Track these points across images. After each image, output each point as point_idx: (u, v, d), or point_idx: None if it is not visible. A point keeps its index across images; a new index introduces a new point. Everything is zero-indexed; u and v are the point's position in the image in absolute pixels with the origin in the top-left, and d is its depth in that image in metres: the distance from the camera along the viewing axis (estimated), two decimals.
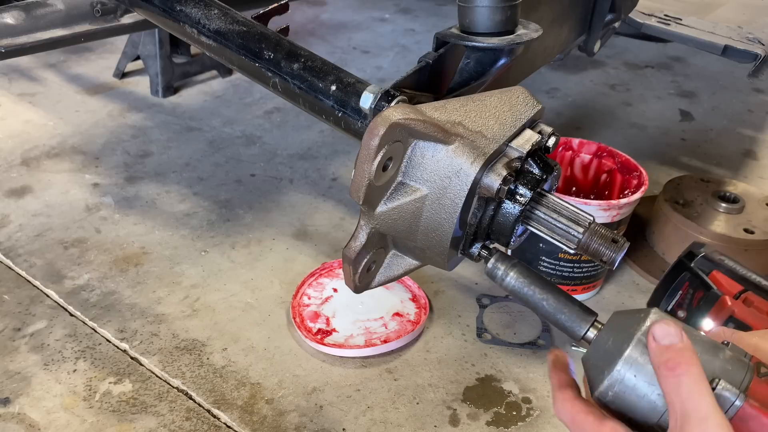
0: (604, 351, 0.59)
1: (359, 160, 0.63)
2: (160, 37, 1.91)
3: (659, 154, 1.84)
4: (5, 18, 1.04)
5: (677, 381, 0.52)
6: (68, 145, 1.68)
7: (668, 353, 0.53)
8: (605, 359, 0.57)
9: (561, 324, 0.64)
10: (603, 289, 1.30)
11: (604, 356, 0.58)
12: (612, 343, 0.58)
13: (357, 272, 0.71)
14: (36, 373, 1.05)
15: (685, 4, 1.58)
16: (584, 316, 0.62)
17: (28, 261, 1.28)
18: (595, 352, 0.60)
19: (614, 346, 0.57)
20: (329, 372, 1.08)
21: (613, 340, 0.58)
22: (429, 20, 2.72)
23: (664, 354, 0.53)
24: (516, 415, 1.02)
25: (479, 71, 0.83)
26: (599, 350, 0.60)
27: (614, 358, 0.56)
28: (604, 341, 0.60)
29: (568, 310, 0.63)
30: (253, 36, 0.89)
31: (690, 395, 0.51)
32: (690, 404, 0.51)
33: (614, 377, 0.56)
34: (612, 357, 0.57)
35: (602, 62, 2.43)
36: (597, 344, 0.61)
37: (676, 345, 0.54)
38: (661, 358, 0.53)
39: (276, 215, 1.46)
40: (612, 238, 0.70)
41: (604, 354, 0.58)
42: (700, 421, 0.50)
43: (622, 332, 0.58)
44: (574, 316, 0.63)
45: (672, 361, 0.53)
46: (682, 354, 0.53)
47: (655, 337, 0.54)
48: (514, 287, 0.67)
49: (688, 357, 0.53)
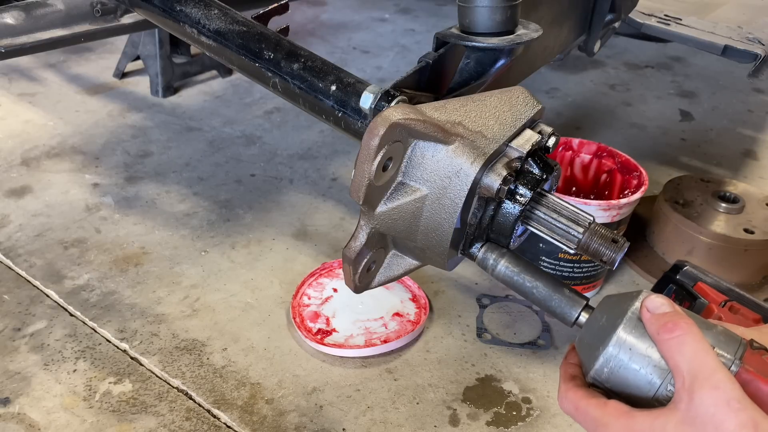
0: (596, 330, 0.59)
1: (359, 160, 0.63)
2: (160, 37, 1.91)
3: (659, 154, 1.84)
4: (5, 18, 1.04)
5: (679, 341, 0.52)
6: (68, 145, 1.68)
7: (664, 318, 0.54)
8: (599, 338, 0.58)
9: (553, 310, 0.64)
10: (603, 289, 1.30)
11: (597, 335, 0.58)
12: (605, 321, 0.59)
13: (357, 272, 0.71)
14: (36, 373, 1.05)
15: (685, 4, 1.58)
16: (576, 300, 0.63)
17: (28, 261, 1.28)
18: (588, 333, 0.60)
19: (607, 324, 0.58)
20: (329, 372, 1.08)
21: (605, 319, 0.59)
22: (429, 20, 2.72)
23: (660, 320, 0.54)
24: (516, 415, 1.02)
25: (479, 71, 0.83)
26: (592, 331, 0.60)
27: (607, 335, 0.57)
28: (596, 322, 0.60)
29: (560, 296, 0.64)
30: (253, 36, 0.89)
31: (695, 354, 0.52)
32: (696, 362, 0.51)
33: (609, 353, 0.56)
34: (605, 335, 0.57)
35: (602, 62, 2.43)
36: (589, 325, 0.61)
37: (671, 312, 0.55)
38: (658, 324, 0.54)
39: (276, 215, 1.46)
40: (612, 238, 0.70)
41: (597, 333, 0.59)
42: (709, 376, 0.50)
43: (614, 311, 0.58)
44: (566, 302, 0.63)
45: (670, 323, 0.53)
46: (678, 317, 0.54)
47: (648, 309, 0.55)
48: (504, 275, 0.68)
49: (684, 320, 0.54)
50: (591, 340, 0.59)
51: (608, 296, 0.62)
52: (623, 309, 0.57)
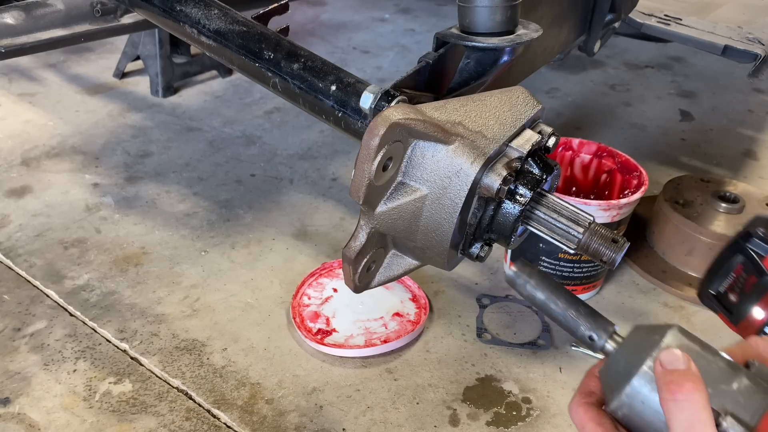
0: (616, 370, 0.59)
1: (359, 160, 0.63)
2: (160, 37, 1.91)
3: (659, 154, 1.84)
4: (5, 18, 1.04)
5: (678, 406, 0.51)
6: (68, 145, 1.68)
7: (672, 376, 0.53)
8: (617, 379, 0.58)
9: (580, 335, 0.63)
10: (603, 289, 1.30)
11: (616, 376, 0.58)
12: (624, 364, 0.58)
13: (357, 272, 0.71)
14: (36, 373, 1.05)
15: (685, 4, 1.58)
16: (604, 327, 0.62)
17: (28, 261, 1.28)
18: (611, 367, 0.60)
19: (626, 368, 0.57)
20: (329, 372, 1.08)
21: (626, 361, 0.58)
22: (429, 20, 2.72)
23: (667, 377, 0.53)
24: (516, 415, 1.02)
25: (479, 71, 0.83)
26: (613, 368, 0.60)
27: (624, 380, 0.56)
28: (618, 359, 0.60)
29: (588, 322, 0.63)
30: (253, 36, 0.89)
31: (690, 423, 0.50)
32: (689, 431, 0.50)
33: (623, 400, 0.56)
34: (622, 379, 0.57)
35: (602, 62, 2.43)
36: (613, 360, 0.61)
37: (681, 370, 0.53)
38: (664, 381, 0.53)
39: (276, 215, 1.46)
40: (612, 238, 0.70)
41: (617, 374, 0.58)
42: None
43: (636, 354, 0.57)
44: (594, 328, 0.62)
45: (674, 384, 0.52)
46: (685, 378, 0.52)
47: (662, 363, 0.54)
48: (533, 297, 0.67)
49: (691, 382, 0.52)
50: (611, 377, 0.59)
51: (637, 328, 0.61)
52: (643, 356, 0.57)
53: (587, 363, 1.12)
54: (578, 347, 1.15)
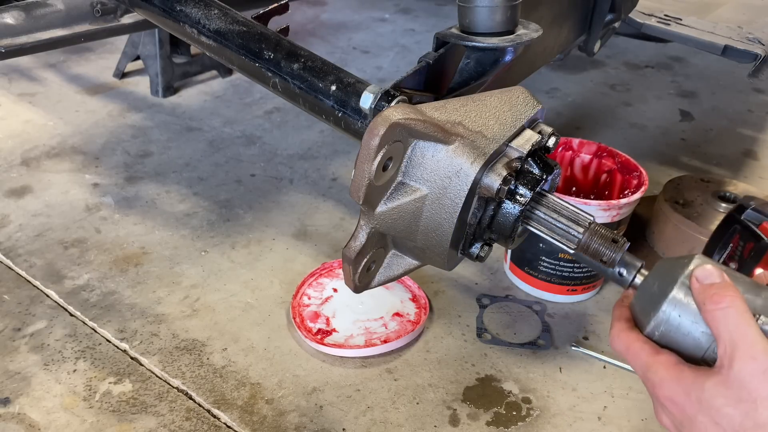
0: (650, 294, 0.63)
1: (359, 160, 0.63)
2: (160, 37, 1.91)
3: (659, 154, 1.84)
4: (5, 18, 1.04)
5: (723, 313, 0.56)
6: (68, 145, 1.68)
7: (711, 290, 0.57)
8: (651, 302, 0.62)
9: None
10: (603, 289, 1.30)
11: (650, 299, 0.63)
12: (657, 287, 0.63)
13: (357, 272, 0.71)
14: (36, 373, 1.05)
15: (685, 4, 1.58)
16: (632, 263, 0.67)
17: (28, 261, 1.28)
18: (642, 296, 0.65)
19: (659, 290, 0.62)
20: (329, 372, 1.08)
21: (658, 284, 0.63)
22: (429, 20, 2.72)
23: (707, 291, 0.58)
24: (516, 415, 1.02)
25: (479, 71, 0.83)
26: (645, 294, 0.64)
27: (660, 300, 0.61)
28: (650, 286, 0.64)
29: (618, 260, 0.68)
30: (253, 36, 0.89)
31: (737, 325, 0.55)
32: (737, 333, 0.55)
33: (660, 317, 0.60)
34: (658, 299, 0.61)
35: (602, 62, 2.43)
36: (643, 288, 0.65)
37: (718, 283, 0.58)
38: (705, 295, 0.58)
39: (276, 215, 1.46)
40: (612, 238, 0.70)
41: (650, 297, 0.63)
42: (748, 348, 0.54)
43: (667, 276, 0.62)
44: (624, 264, 0.67)
45: (717, 296, 0.57)
46: (725, 289, 0.57)
47: (697, 279, 0.59)
48: None
49: (731, 292, 0.57)
50: (644, 304, 0.63)
51: (663, 260, 0.66)
52: (675, 276, 0.61)
53: (587, 363, 1.12)
54: (578, 347, 1.15)
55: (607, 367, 1.12)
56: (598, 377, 1.10)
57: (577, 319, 1.21)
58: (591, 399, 1.06)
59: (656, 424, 1.02)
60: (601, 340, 1.17)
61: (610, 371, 1.11)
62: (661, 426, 0.62)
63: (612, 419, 1.02)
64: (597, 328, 1.20)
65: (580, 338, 1.17)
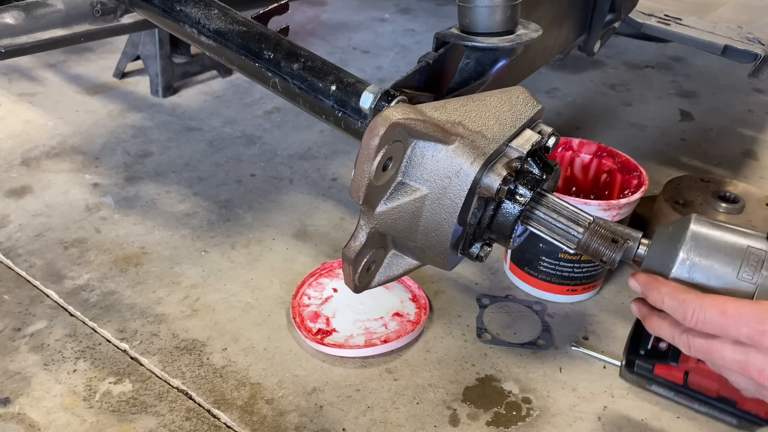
0: (662, 250, 0.67)
1: (359, 160, 0.63)
2: (160, 37, 1.91)
3: (659, 154, 1.84)
4: (5, 18, 1.05)
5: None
6: (68, 145, 1.68)
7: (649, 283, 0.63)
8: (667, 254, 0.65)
9: None
10: (603, 289, 1.30)
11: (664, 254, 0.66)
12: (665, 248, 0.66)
13: (357, 272, 0.71)
14: (36, 373, 1.05)
15: (685, 4, 1.58)
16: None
17: (28, 261, 1.28)
18: (654, 259, 0.68)
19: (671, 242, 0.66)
20: (329, 372, 1.08)
21: (665, 246, 0.66)
22: (429, 20, 2.72)
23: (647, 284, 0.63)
24: (516, 415, 1.02)
25: (479, 71, 0.83)
26: (657, 254, 0.67)
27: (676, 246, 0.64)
28: (658, 249, 0.68)
29: None
30: (253, 36, 0.89)
31: None
32: None
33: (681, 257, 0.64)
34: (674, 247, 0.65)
35: (602, 62, 2.43)
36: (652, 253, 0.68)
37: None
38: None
39: (276, 215, 1.46)
40: (612, 238, 0.70)
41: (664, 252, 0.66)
42: None
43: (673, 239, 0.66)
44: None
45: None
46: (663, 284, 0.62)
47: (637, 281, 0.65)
48: None
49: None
50: (660, 259, 0.66)
51: (659, 229, 0.69)
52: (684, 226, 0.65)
53: (587, 363, 1.12)
54: (578, 347, 1.15)
55: (607, 367, 1.12)
56: (598, 377, 1.10)
57: (577, 319, 1.21)
58: (591, 399, 1.06)
59: (656, 424, 1.02)
60: (601, 340, 1.17)
61: (610, 371, 1.11)
62: None
63: (612, 419, 1.02)
64: (597, 328, 1.20)
65: (580, 338, 1.17)
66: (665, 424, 1.01)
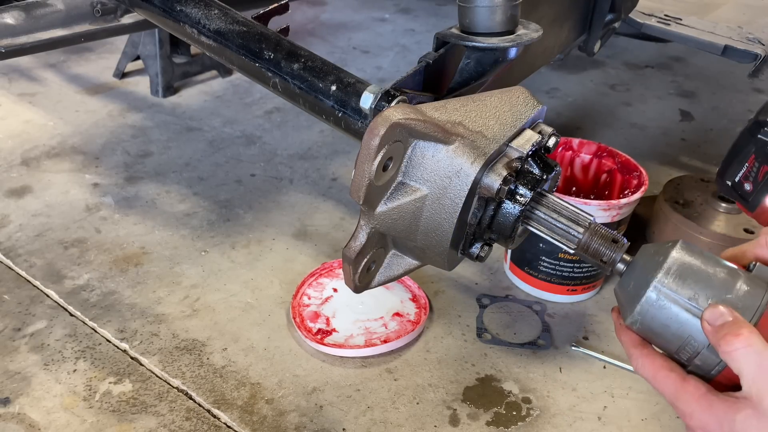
0: (628, 289, 0.64)
1: (359, 160, 0.63)
2: (160, 37, 1.91)
3: (659, 154, 1.84)
4: (5, 18, 1.05)
5: (740, 354, 0.56)
6: (68, 145, 1.68)
7: (724, 330, 0.57)
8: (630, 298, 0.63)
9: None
10: (603, 289, 1.30)
11: (629, 294, 0.63)
12: (635, 283, 0.63)
13: (357, 272, 0.71)
14: (36, 373, 1.05)
15: (685, 4, 1.58)
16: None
17: (28, 261, 1.28)
18: (623, 287, 0.65)
19: (636, 287, 0.62)
20: (329, 372, 1.08)
21: (636, 280, 0.63)
22: (429, 20, 2.72)
23: (720, 332, 0.57)
24: (516, 415, 1.02)
25: (479, 71, 0.83)
26: (626, 286, 0.65)
27: (635, 300, 0.61)
28: (629, 279, 0.65)
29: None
30: (253, 36, 0.89)
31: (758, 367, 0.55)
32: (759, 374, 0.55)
33: (635, 317, 0.61)
34: (634, 299, 0.62)
35: (602, 62, 2.43)
36: (624, 280, 0.66)
37: (730, 322, 0.57)
38: (718, 336, 0.57)
39: (276, 215, 1.46)
40: (612, 238, 0.70)
41: (629, 292, 0.63)
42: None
43: (644, 273, 0.63)
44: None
45: (729, 335, 0.56)
46: (738, 327, 0.56)
47: (708, 321, 0.58)
48: None
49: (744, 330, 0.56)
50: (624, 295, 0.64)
51: (645, 247, 0.66)
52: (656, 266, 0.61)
53: (587, 363, 1.12)
54: (578, 347, 1.15)
55: (607, 367, 1.12)
56: (598, 377, 1.10)
57: (577, 319, 1.21)
58: (591, 399, 1.06)
59: (656, 424, 1.02)
60: (601, 340, 1.17)
61: (610, 371, 1.11)
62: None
63: (612, 419, 1.02)
64: (597, 328, 1.20)
65: (580, 338, 1.17)
66: (665, 424, 1.01)
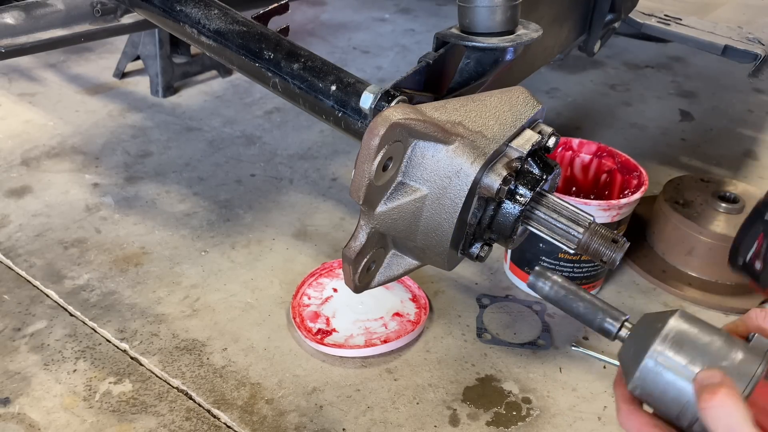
0: (633, 350, 0.63)
1: (359, 160, 0.63)
2: (160, 37, 1.91)
3: (659, 154, 1.84)
4: (5, 18, 1.04)
5: (715, 413, 0.56)
6: (68, 145, 1.68)
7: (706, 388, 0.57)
8: (634, 358, 0.62)
9: (597, 326, 0.67)
10: (603, 289, 1.30)
11: (633, 355, 0.63)
12: (635, 348, 0.63)
13: (357, 272, 0.71)
14: (36, 373, 1.05)
15: (685, 4, 1.58)
16: (616, 317, 0.66)
17: (28, 261, 1.28)
18: (625, 352, 0.65)
19: (636, 353, 0.62)
20: (329, 372, 1.08)
21: (636, 346, 0.63)
22: (429, 20, 2.72)
23: (702, 390, 0.57)
24: (516, 415, 1.02)
25: (479, 71, 0.83)
26: (627, 352, 0.64)
27: (635, 364, 0.61)
28: (631, 345, 0.65)
29: (602, 313, 0.66)
30: (253, 36, 0.89)
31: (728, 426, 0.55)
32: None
33: (636, 382, 0.61)
34: (634, 363, 0.61)
35: (602, 62, 2.43)
36: (626, 346, 0.66)
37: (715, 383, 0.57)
38: (699, 393, 0.57)
39: (276, 215, 1.46)
40: (612, 238, 0.70)
41: (633, 353, 0.63)
42: None
43: (644, 339, 0.62)
44: (608, 318, 0.66)
45: (708, 393, 0.56)
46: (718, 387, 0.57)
47: (697, 380, 0.59)
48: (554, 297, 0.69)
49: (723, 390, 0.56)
50: (628, 358, 0.64)
51: (646, 315, 0.65)
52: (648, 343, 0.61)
53: (587, 363, 1.12)
54: (578, 347, 1.15)
55: (607, 367, 1.12)
56: (598, 377, 1.10)
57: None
58: (591, 399, 1.06)
59: None
60: (601, 340, 1.17)
61: (610, 371, 1.11)
62: None
63: (612, 419, 1.02)
64: None
65: (580, 338, 1.17)
66: None
